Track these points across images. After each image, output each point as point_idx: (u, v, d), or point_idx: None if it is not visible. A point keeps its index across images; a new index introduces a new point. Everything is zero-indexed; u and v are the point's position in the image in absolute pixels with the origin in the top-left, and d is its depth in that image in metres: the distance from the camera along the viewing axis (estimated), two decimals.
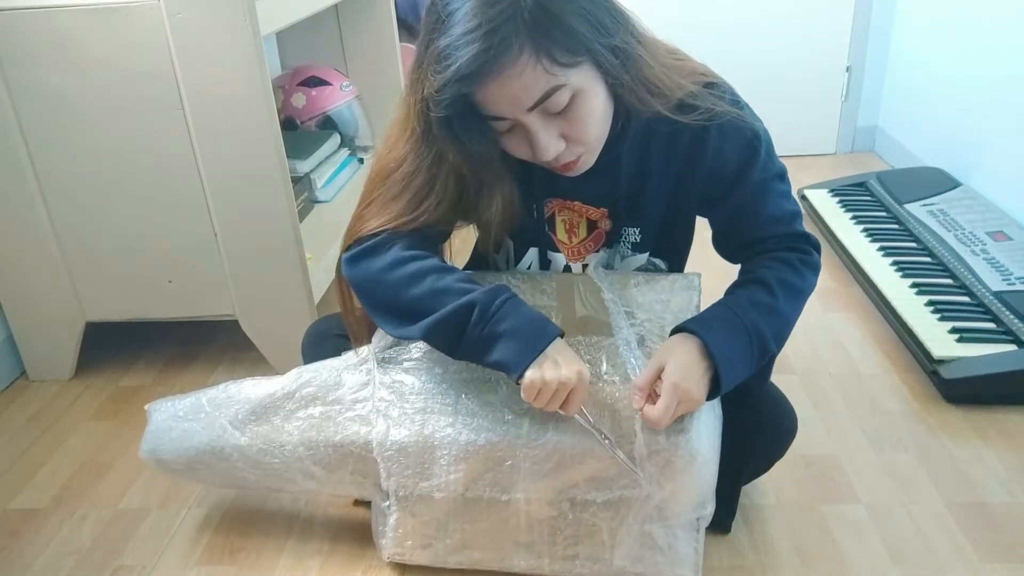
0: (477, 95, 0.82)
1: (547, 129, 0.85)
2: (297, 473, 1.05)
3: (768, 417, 1.04)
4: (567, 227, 1.06)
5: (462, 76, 0.78)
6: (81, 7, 1.29)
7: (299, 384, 1.06)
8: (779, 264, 0.99)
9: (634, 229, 1.04)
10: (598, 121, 0.88)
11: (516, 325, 0.87)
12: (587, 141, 0.88)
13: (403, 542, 1.04)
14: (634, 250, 1.07)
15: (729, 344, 0.90)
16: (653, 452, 0.91)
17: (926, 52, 2.45)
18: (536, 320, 0.89)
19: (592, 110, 0.86)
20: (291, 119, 2.03)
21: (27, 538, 1.21)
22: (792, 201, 1.03)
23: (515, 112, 0.83)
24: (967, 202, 2.03)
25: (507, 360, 0.87)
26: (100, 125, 1.37)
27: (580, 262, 1.08)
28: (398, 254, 0.94)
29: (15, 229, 1.46)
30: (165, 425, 1.11)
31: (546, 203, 1.05)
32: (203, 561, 1.14)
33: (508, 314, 0.87)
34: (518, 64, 0.78)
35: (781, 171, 1.02)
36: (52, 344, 1.59)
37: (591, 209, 1.04)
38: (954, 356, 1.43)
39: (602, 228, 1.05)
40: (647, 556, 0.97)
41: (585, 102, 0.84)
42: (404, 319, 0.93)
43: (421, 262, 0.93)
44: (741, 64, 2.69)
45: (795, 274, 0.99)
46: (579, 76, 0.82)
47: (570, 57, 0.80)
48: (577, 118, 0.85)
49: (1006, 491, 1.20)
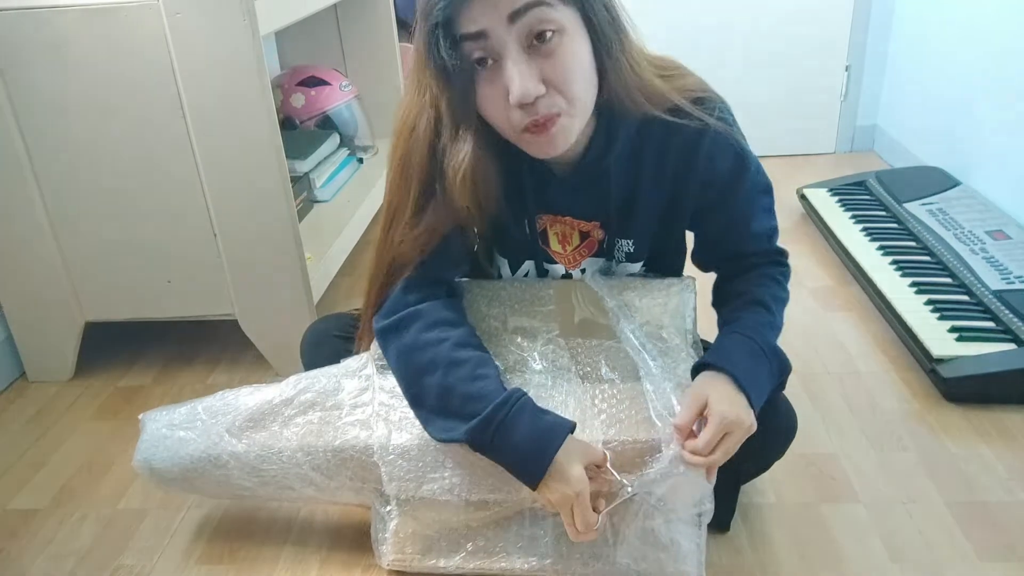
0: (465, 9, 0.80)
1: (528, 63, 0.81)
2: (295, 480, 1.04)
3: (768, 416, 1.04)
4: (560, 239, 1.07)
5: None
6: (80, 7, 1.29)
7: (298, 390, 1.05)
8: (768, 281, 1.04)
9: (627, 241, 1.05)
10: (580, 71, 0.85)
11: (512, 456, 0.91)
12: (567, 91, 0.84)
13: (403, 548, 1.03)
14: (628, 259, 1.07)
15: (755, 372, 0.94)
16: (654, 449, 0.91)
17: (925, 51, 2.45)
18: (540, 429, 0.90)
19: (575, 55, 0.83)
20: (290, 119, 2.03)
21: (27, 538, 1.21)
22: (773, 217, 1.06)
23: (496, 23, 0.80)
24: (966, 201, 2.03)
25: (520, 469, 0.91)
26: (99, 125, 1.37)
27: (577, 268, 1.09)
28: (416, 337, 0.97)
29: (14, 229, 1.46)
30: (159, 434, 1.10)
31: (538, 218, 1.05)
32: (202, 561, 1.14)
33: (502, 444, 0.90)
34: None
35: (768, 186, 1.04)
36: (51, 344, 1.59)
37: (583, 223, 1.05)
38: (953, 355, 1.43)
39: (594, 237, 1.06)
40: (650, 553, 0.97)
41: (569, 44, 0.82)
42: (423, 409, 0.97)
43: (435, 349, 0.95)
44: (741, 63, 2.70)
45: (781, 289, 1.05)
46: (565, 14, 0.82)
47: None
48: (559, 60, 0.82)
49: (1005, 490, 1.20)
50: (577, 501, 0.88)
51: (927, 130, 2.43)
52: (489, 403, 0.90)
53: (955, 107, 2.27)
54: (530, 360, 0.99)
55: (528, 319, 1.04)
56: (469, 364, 0.94)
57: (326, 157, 1.97)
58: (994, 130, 2.07)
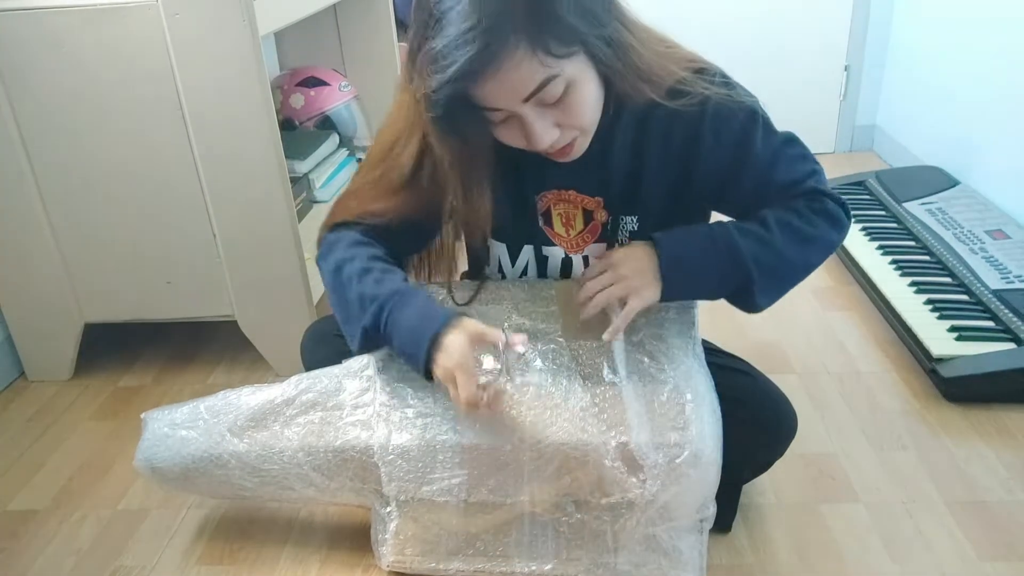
0: (474, 90, 0.82)
1: (542, 119, 0.86)
2: (296, 480, 1.04)
3: (768, 415, 1.05)
4: (564, 220, 1.06)
5: (462, 75, 0.79)
6: (79, 7, 1.28)
7: (299, 390, 1.05)
8: (782, 209, 0.98)
9: (631, 218, 1.04)
10: (591, 108, 0.89)
11: (401, 340, 0.94)
12: (580, 126, 0.90)
13: (403, 549, 1.03)
14: (632, 239, 1.06)
15: (684, 243, 0.95)
16: (657, 453, 0.91)
17: (924, 51, 2.45)
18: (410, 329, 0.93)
19: (585, 98, 0.87)
20: (290, 119, 2.03)
21: (27, 539, 1.21)
22: (808, 161, 1.00)
23: (511, 104, 0.83)
24: (966, 200, 2.03)
25: (407, 352, 0.94)
26: (98, 126, 1.37)
27: (580, 254, 1.08)
28: (341, 255, 1.00)
29: (14, 230, 1.46)
30: (161, 433, 1.10)
31: (541, 197, 1.05)
32: (203, 561, 1.14)
33: (392, 330, 0.94)
34: (515, 58, 0.79)
35: (787, 137, 1.00)
36: (51, 345, 1.59)
37: (586, 199, 1.04)
38: (953, 354, 1.44)
39: (598, 219, 1.05)
40: (651, 559, 0.97)
41: (579, 91, 0.85)
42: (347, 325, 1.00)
43: (351, 265, 0.98)
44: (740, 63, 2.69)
45: (799, 217, 0.97)
46: (573, 66, 0.83)
47: (564, 48, 0.81)
48: (571, 107, 0.86)
49: (1005, 489, 1.20)
50: (459, 371, 0.88)
51: (926, 130, 2.43)
52: (385, 298, 0.94)
53: (954, 106, 2.27)
54: (531, 359, 0.99)
55: (530, 319, 1.04)
56: (375, 271, 0.98)
57: (325, 157, 1.97)
58: (993, 129, 2.07)
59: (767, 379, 1.08)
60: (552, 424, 0.94)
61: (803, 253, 0.98)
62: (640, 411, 0.93)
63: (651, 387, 0.95)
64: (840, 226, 1.00)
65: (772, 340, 1.62)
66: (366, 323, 0.95)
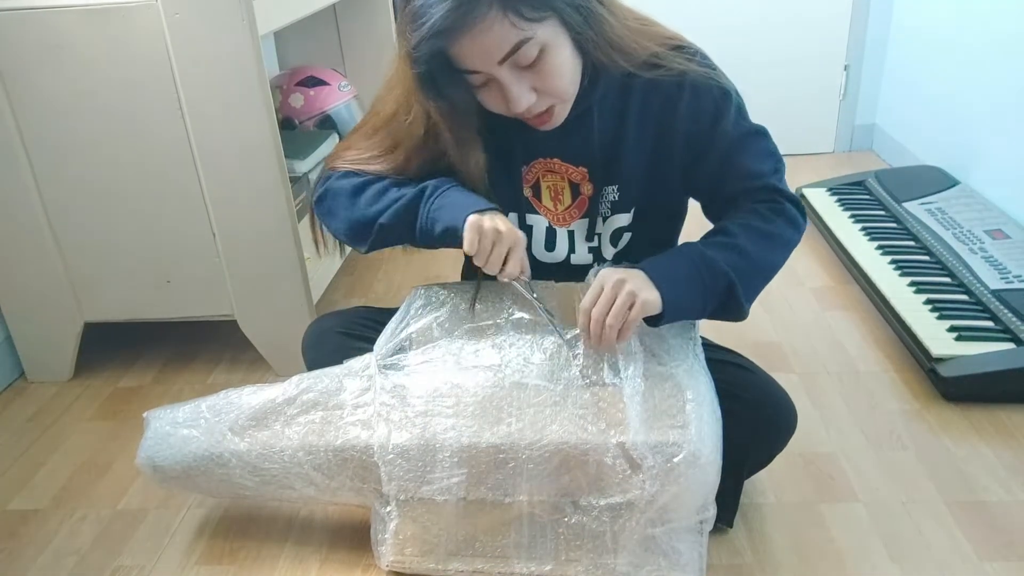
0: (452, 50, 0.88)
1: (519, 82, 0.90)
2: (296, 479, 1.04)
3: (768, 409, 1.05)
4: (552, 194, 1.08)
5: (436, 32, 0.84)
6: (78, 7, 1.28)
7: (300, 390, 1.05)
8: (745, 213, 1.01)
9: (612, 187, 1.06)
10: (566, 74, 0.93)
11: (460, 197, 0.98)
12: (557, 92, 0.93)
13: (403, 549, 1.03)
14: (614, 210, 1.07)
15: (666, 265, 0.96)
16: (655, 452, 0.91)
17: (924, 50, 2.45)
18: (479, 197, 0.98)
19: (560, 63, 0.91)
20: (289, 119, 2.03)
21: (26, 539, 1.21)
22: (773, 158, 1.04)
23: (487, 65, 0.88)
24: (965, 200, 2.03)
25: (451, 220, 0.95)
26: (98, 125, 1.37)
27: (566, 227, 1.10)
28: (356, 181, 1.04)
29: (13, 230, 1.46)
30: (163, 432, 1.10)
31: (530, 167, 1.07)
32: (202, 561, 1.14)
33: (454, 192, 0.99)
34: (487, 19, 0.84)
35: (758, 129, 1.04)
36: (51, 345, 1.59)
37: (571, 169, 1.06)
38: (952, 354, 1.44)
39: (585, 193, 1.07)
40: (650, 561, 0.96)
41: (553, 56, 0.89)
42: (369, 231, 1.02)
43: (378, 182, 1.03)
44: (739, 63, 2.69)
45: (761, 219, 1.00)
46: (545, 30, 0.88)
47: (536, 12, 0.86)
48: (546, 71, 0.90)
49: (1004, 489, 1.20)
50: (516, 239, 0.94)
51: (926, 129, 2.43)
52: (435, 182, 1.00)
53: (954, 106, 2.27)
54: (530, 354, 0.99)
55: (528, 313, 1.04)
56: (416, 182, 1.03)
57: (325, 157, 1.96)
58: (993, 129, 2.07)
59: (766, 374, 1.08)
60: (552, 422, 0.94)
61: (768, 253, 1.00)
62: (640, 410, 0.93)
63: (651, 386, 0.95)
64: (796, 226, 1.02)
65: (772, 340, 1.62)
66: (410, 195, 0.99)
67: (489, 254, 0.94)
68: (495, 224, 0.93)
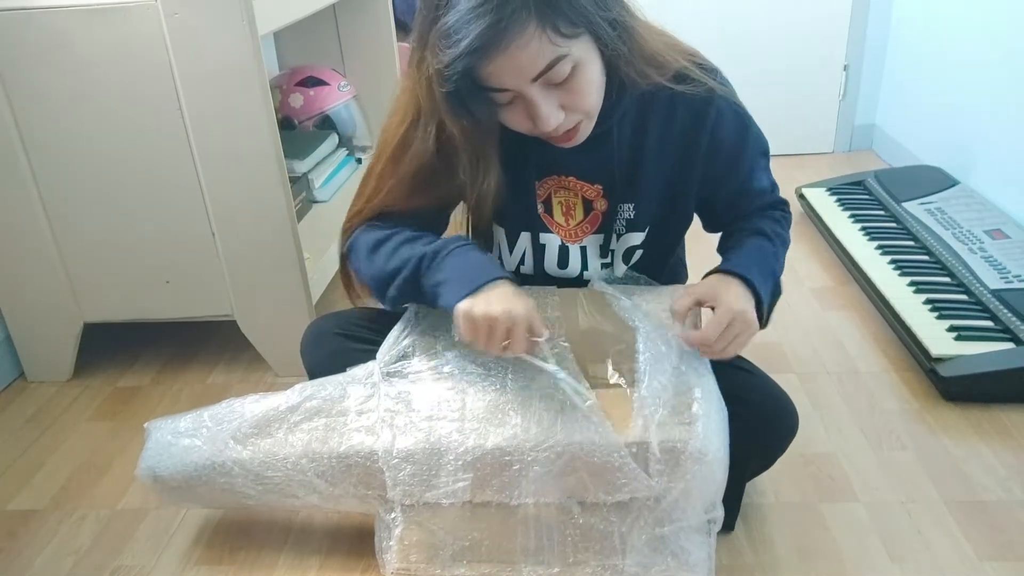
0: (483, 68, 0.84)
1: (548, 100, 0.87)
2: (300, 487, 1.03)
3: (769, 412, 1.05)
4: (564, 209, 1.08)
5: (473, 50, 0.80)
6: (78, 7, 1.28)
7: (303, 397, 1.04)
8: (767, 220, 1.09)
9: (629, 205, 1.06)
10: (595, 91, 0.91)
11: (455, 270, 0.94)
12: (585, 109, 0.91)
13: (408, 556, 1.02)
14: (629, 228, 1.07)
15: (764, 283, 0.99)
16: (663, 450, 0.91)
17: (924, 50, 2.45)
18: (476, 264, 0.95)
19: (590, 81, 0.89)
20: (289, 119, 2.03)
21: (26, 539, 1.20)
22: (771, 174, 1.12)
23: (519, 83, 0.85)
24: (965, 200, 2.03)
25: (446, 301, 0.93)
26: (97, 125, 1.37)
27: (577, 244, 1.09)
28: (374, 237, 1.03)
29: (13, 230, 1.46)
30: (164, 442, 1.09)
31: (542, 183, 1.06)
32: (202, 561, 1.14)
33: (450, 262, 0.95)
34: (525, 35, 0.81)
35: (766, 148, 1.10)
36: (50, 345, 1.59)
37: (586, 186, 1.05)
38: (952, 354, 1.44)
39: (598, 209, 1.07)
40: (659, 561, 0.96)
41: (584, 73, 0.87)
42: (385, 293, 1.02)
43: (395, 237, 1.02)
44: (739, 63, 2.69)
45: (781, 227, 1.10)
46: (579, 47, 0.86)
47: (572, 28, 0.83)
48: (576, 88, 0.88)
49: (1004, 489, 1.20)
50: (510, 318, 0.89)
51: (925, 129, 2.44)
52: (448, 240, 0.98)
53: (953, 106, 2.27)
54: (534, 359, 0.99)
55: None
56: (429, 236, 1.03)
57: (325, 157, 1.97)
58: (992, 129, 2.07)
59: (767, 376, 1.08)
60: (557, 423, 0.94)
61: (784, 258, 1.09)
62: (646, 408, 0.93)
63: (658, 384, 0.95)
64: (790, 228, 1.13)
65: (772, 340, 1.62)
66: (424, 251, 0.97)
67: (487, 341, 0.91)
68: (487, 310, 0.89)
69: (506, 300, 0.90)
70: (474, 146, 0.96)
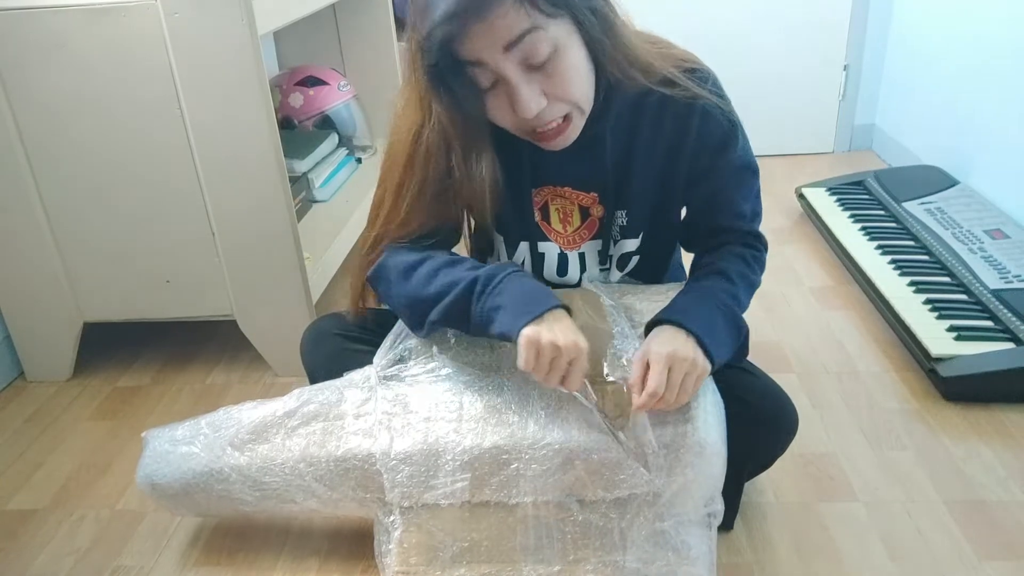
0: (461, 39, 0.83)
1: (528, 83, 0.86)
2: (298, 492, 1.03)
3: (769, 412, 1.05)
4: (561, 216, 1.08)
5: (450, 15, 0.81)
6: (78, 7, 1.28)
7: (301, 402, 1.04)
8: (735, 259, 1.04)
9: (622, 212, 1.06)
10: (579, 79, 0.89)
11: (515, 295, 0.91)
12: (570, 97, 0.89)
13: (407, 558, 1.01)
14: (623, 234, 1.08)
15: (705, 319, 0.94)
16: (662, 445, 0.91)
17: (923, 50, 2.45)
18: (535, 290, 0.93)
19: (572, 65, 0.88)
20: (288, 119, 2.03)
21: (25, 539, 1.20)
22: (758, 203, 1.08)
23: (494, 54, 0.84)
24: (965, 200, 2.03)
25: (506, 327, 0.89)
26: (97, 125, 1.37)
27: (576, 250, 1.09)
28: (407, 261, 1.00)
29: (12, 229, 1.46)
30: (162, 450, 1.09)
31: (538, 192, 1.06)
32: (201, 562, 1.14)
33: (508, 287, 0.92)
34: (503, 5, 0.81)
35: (754, 167, 1.06)
36: (50, 345, 1.59)
37: (582, 195, 1.05)
38: (952, 354, 1.44)
39: (595, 215, 1.07)
40: (659, 556, 0.96)
41: (565, 57, 0.86)
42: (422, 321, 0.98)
43: (432, 261, 0.98)
44: (739, 63, 2.70)
45: (749, 269, 1.05)
46: (559, 29, 0.85)
47: (551, 7, 0.83)
48: (558, 73, 0.87)
49: (1004, 489, 1.20)
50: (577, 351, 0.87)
51: (925, 129, 2.43)
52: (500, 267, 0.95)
53: (953, 106, 2.27)
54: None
55: None
56: (470, 261, 0.99)
57: (325, 157, 1.96)
58: (992, 129, 2.07)
59: (767, 376, 1.08)
60: (554, 420, 0.94)
61: (749, 300, 1.05)
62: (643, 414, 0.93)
63: None
64: (763, 271, 1.08)
65: (771, 340, 1.62)
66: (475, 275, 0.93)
67: (548, 371, 0.88)
68: (553, 338, 0.86)
69: (572, 332, 0.88)
70: (466, 137, 0.95)
